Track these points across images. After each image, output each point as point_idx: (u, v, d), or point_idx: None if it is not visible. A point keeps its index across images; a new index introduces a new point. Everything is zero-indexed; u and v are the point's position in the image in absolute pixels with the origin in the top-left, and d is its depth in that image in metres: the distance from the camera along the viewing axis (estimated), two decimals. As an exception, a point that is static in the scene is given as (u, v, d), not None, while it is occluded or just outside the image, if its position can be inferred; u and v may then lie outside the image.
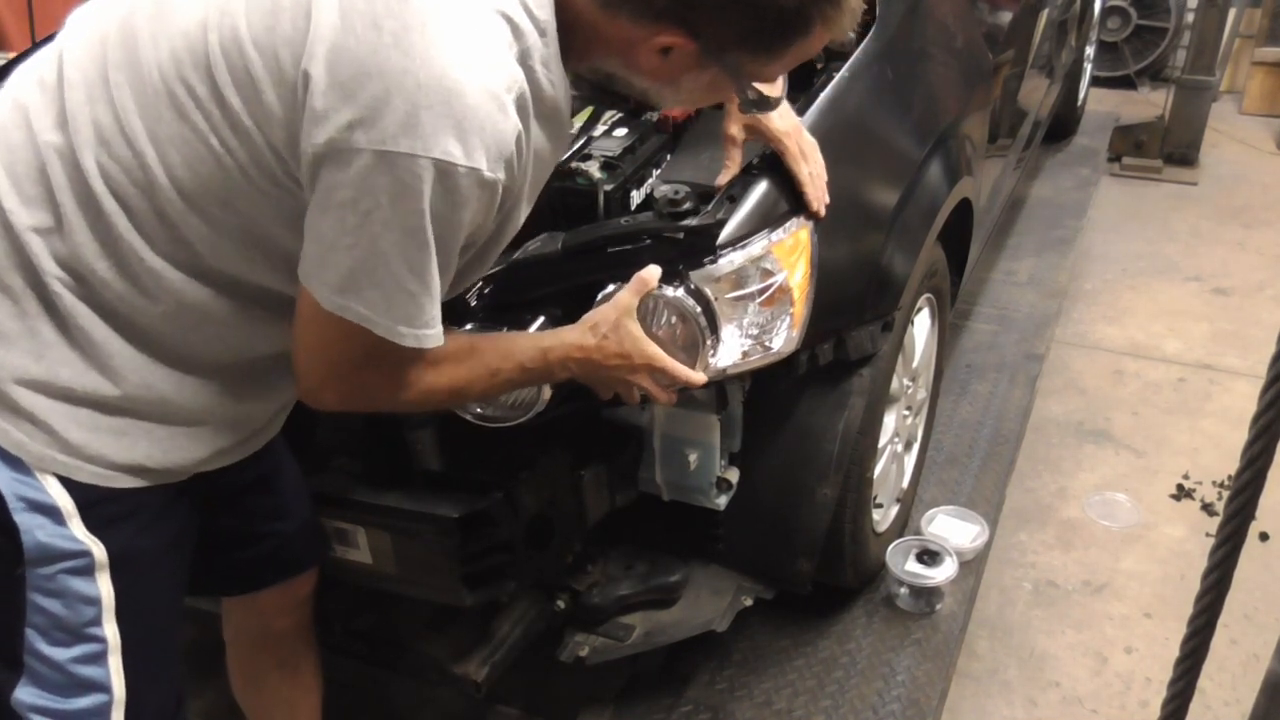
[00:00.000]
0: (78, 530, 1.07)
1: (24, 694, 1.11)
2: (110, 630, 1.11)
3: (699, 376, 1.35)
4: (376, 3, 0.92)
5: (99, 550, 1.08)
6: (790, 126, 1.48)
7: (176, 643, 1.23)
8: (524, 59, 0.98)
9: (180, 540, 1.20)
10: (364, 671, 2.03)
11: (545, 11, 0.99)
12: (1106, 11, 5.31)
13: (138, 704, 1.15)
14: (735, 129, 1.48)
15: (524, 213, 1.11)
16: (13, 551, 1.05)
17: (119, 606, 1.11)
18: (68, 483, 1.06)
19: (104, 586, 1.09)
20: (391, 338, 1.00)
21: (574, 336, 1.23)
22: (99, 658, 1.11)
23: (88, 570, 1.08)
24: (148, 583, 1.15)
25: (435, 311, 1.02)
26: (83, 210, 1.01)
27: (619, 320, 1.26)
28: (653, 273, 1.32)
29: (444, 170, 0.92)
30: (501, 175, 0.97)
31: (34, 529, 1.05)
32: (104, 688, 1.12)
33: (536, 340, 1.21)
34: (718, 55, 1.03)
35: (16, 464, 1.04)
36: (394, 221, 0.94)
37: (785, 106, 1.46)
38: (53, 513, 1.06)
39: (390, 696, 2.05)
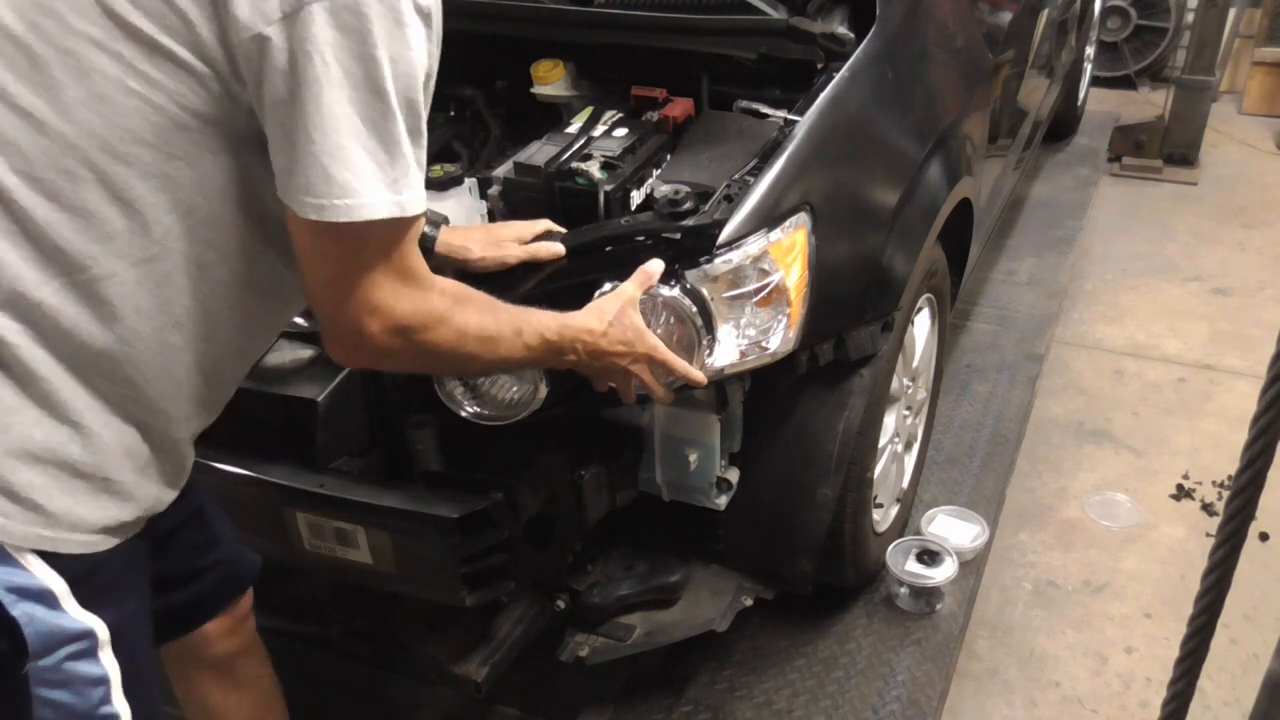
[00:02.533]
0: (73, 610, 0.98)
1: None
2: (120, 705, 1.04)
3: (699, 374, 1.35)
4: None
5: (100, 628, 1.01)
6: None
7: None
8: None
9: (147, 590, 1.14)
10: (364, 671, 2.03)
11: None
12: (1106, 11, 5.31)
13: None
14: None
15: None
16: (15, 652, 0.96)
17: (125, 678, 1.04)
18: (52, 559, 0.97)
19: (109, 663, 1.02)
20: (378, 213, 0.92)
21: (583, 320, 1.23)
22: None
23: (91, 651, 1.00)
24: (141, 643, 1.10)
25: (415, 177, 0.95)
26: (11, 237, 0.89)
27: (622, 309, 1.26)
28: (656, 265, 1.32)
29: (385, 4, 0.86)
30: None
31: (33, 619, 0.95)
32: None
33: (553, 316, 1.21)
34: None
35: None
36: (344, 80, 0.87)
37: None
38: (45, 597, 0.96)
39: (390, 696, 2.05)
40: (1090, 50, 4.67)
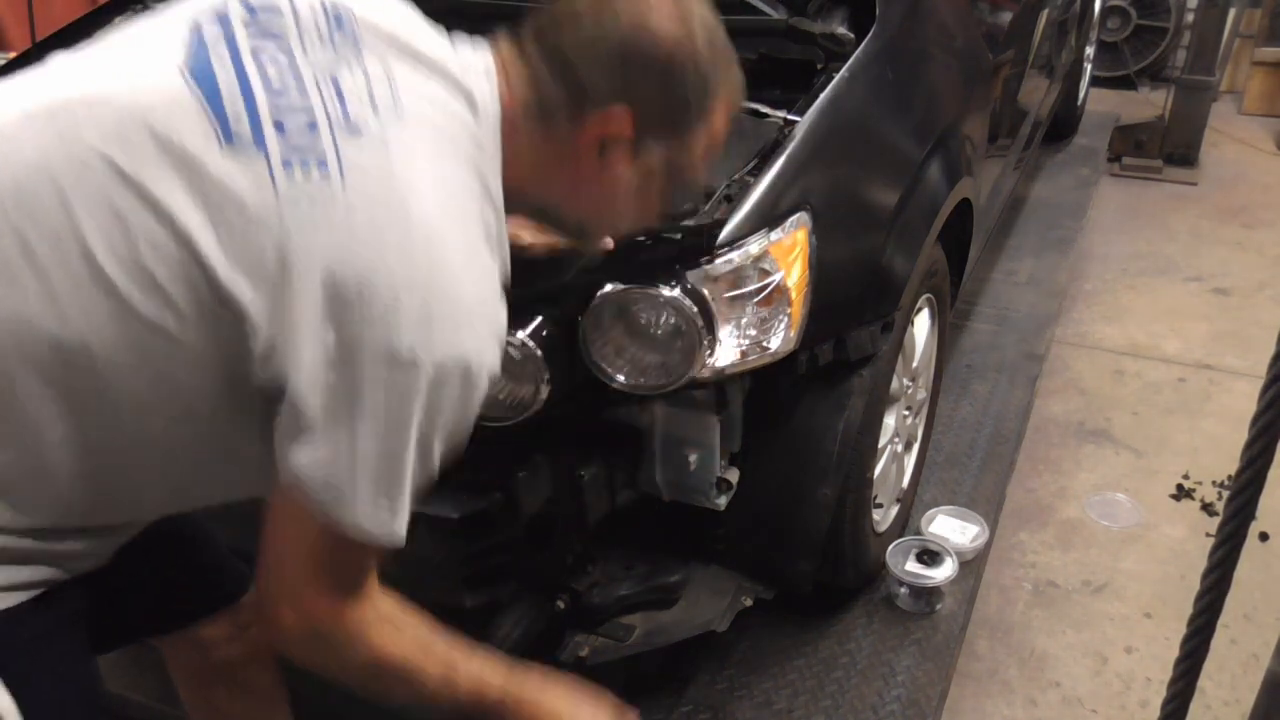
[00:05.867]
0: None
1: None
2: None
3: None
4: (376, 209, 0.88)
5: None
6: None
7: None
8: (487, 238, 0.97)
9: (75, 626, 1.07)
10: (364, 672, 2.03)
11: (497, 180, 0.99)
12: (1106, 11, 5.31)
13: None
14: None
15: None
16: None
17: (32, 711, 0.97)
18: None
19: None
20: (363, 525, 0.95)
21: (550, 703, 1.16)
22: None
23: None
24: (52, 693, 1.02)
25: (404, 516, 0.99)
26: None
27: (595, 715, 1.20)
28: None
29: (465, 372, 0.91)
30: (498, 363, 0.98)
31: None
32: None
33: (506, 673, 1.13)
34: (647, 138, 1.01)
35: None
36: (376, 419, 0.90)
37: None
38: None
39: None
40: (1090, 50, 4.66)
